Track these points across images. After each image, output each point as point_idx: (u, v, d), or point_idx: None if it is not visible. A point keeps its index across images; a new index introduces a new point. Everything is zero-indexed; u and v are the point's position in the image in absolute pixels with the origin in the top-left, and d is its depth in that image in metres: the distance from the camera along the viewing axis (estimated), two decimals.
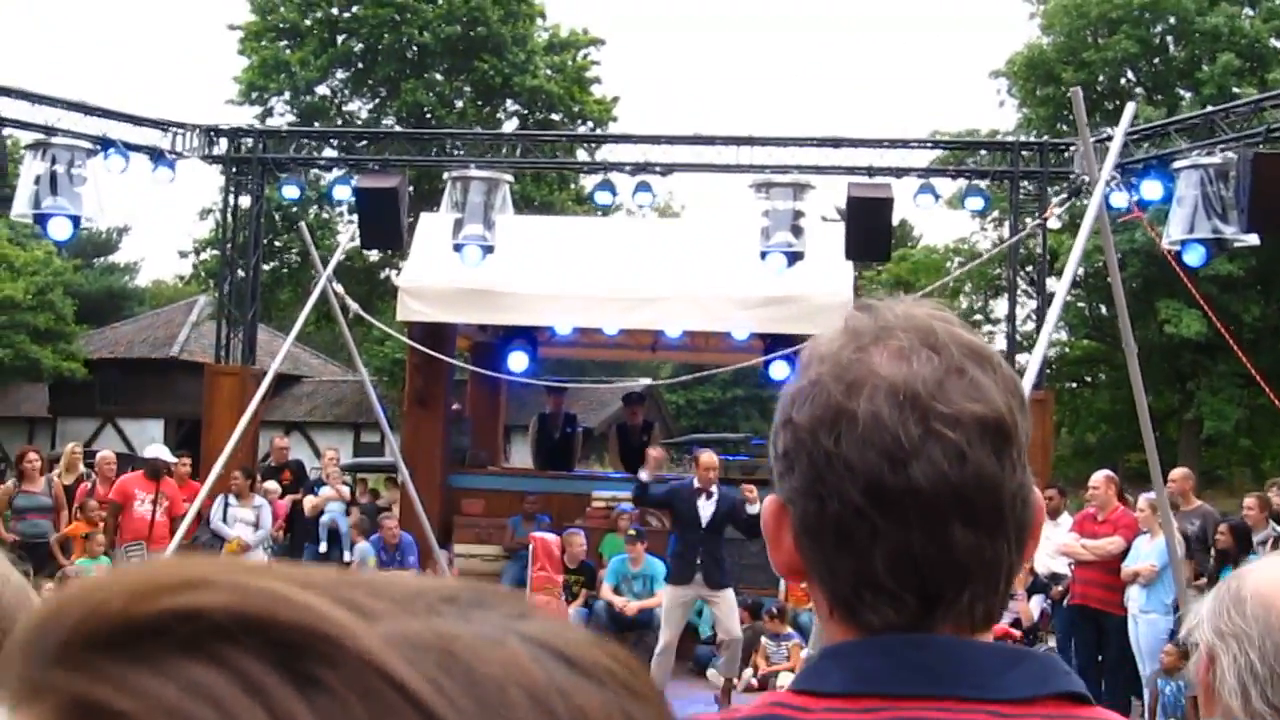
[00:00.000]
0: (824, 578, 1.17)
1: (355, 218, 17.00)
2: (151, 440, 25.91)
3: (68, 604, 0.48)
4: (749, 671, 12.96)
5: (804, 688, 1.14)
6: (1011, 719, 1.07)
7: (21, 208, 13.49)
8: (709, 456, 11.56)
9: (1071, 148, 14.76)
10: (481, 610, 0.50)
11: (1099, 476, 12.16)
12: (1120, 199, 13.35)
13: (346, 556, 14.93)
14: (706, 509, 11.10)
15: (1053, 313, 8.08)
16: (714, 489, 11.19)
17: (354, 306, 10.80)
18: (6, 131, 14.19)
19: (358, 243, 15.56)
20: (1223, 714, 1.60)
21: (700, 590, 11.16)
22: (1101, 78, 28.01)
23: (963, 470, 1.10)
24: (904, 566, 1.12)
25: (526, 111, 33.12)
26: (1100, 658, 11.90)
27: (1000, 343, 23.30)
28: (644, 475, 11.71)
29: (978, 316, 32.21)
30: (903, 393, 1.12)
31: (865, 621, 1.14)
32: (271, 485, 15.20)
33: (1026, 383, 6.80)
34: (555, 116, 32.64)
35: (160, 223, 71.40)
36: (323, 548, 15.09)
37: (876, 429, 1.11)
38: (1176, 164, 12.93)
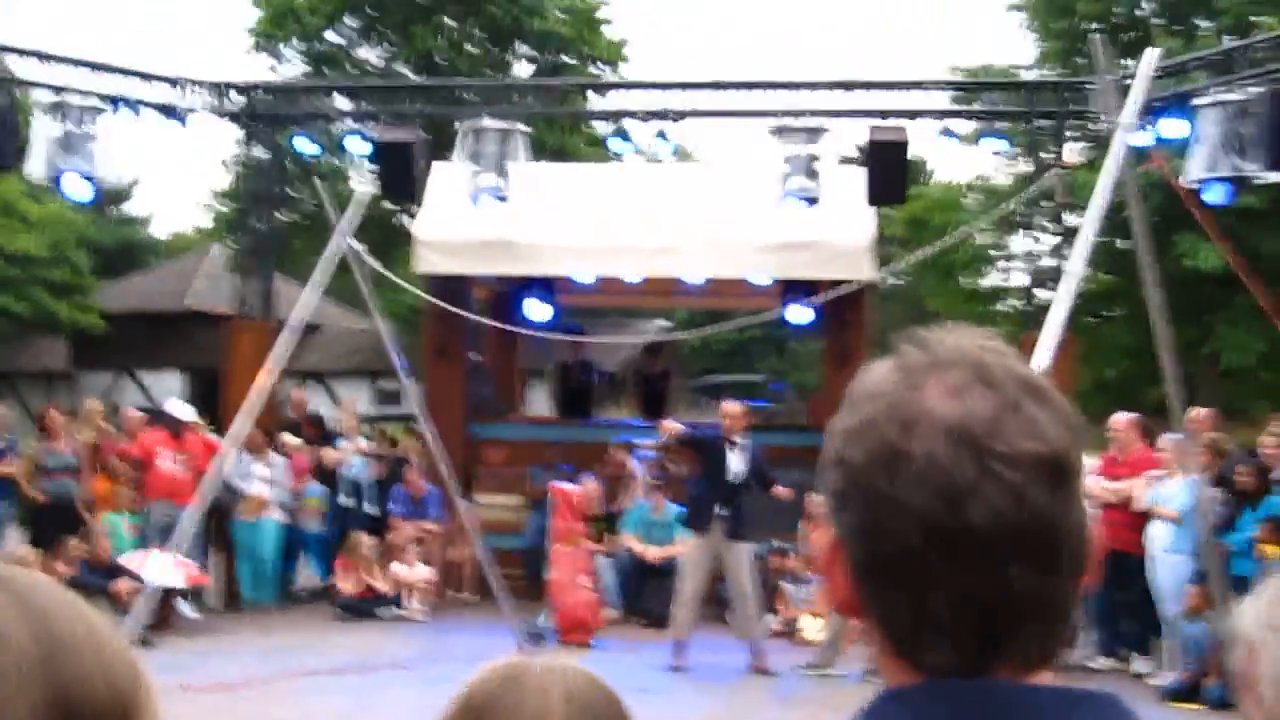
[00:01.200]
0: (881, 617, 1.16)
1: (365, 166, 16.92)
2: (170, 392, 25.99)
3: None
4: (771, 618, 12.97)
5: None
6: None
7: (37, 169, 13.47)
8: (729, 405, 11.58)
9: (1088, 86, 14.59)
10: None
11: (1121, 419, 12.11)
12: (1140, 137, 13.21)
13: (368, 508, 15.02)
14: (735, 461, 11.08)
15: (1077, 253, 8.03)
16: (738, 439, 11.19)
17: (374, 264, 10.78)
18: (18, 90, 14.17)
19: (375, 192, 15.50)
20: (1254, 703, 1.63)
21: (715, 540, 11.17)
22: (1118, 8, 27.60)
23: (1020, 511, 1.09)
24: (962, 607, 1.11)
25: (538, 54, 32.88)
26: (1116, 597, 11.92)
27: (1020, 278, 23.18)
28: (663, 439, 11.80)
29: (993, 252, 31.97)
30: (959, 432, 1.10)
31: (924, 661, 1.14)
32: (290, 439, 15.23)
33: (1050, 340, 6.78)
34: (567, 59, 32.40)
35: (175, 174, 71.20)
36: (347, 501, 15.16)
37: (932, 470, 1.10)
38: (1197, 100, 12.78)
